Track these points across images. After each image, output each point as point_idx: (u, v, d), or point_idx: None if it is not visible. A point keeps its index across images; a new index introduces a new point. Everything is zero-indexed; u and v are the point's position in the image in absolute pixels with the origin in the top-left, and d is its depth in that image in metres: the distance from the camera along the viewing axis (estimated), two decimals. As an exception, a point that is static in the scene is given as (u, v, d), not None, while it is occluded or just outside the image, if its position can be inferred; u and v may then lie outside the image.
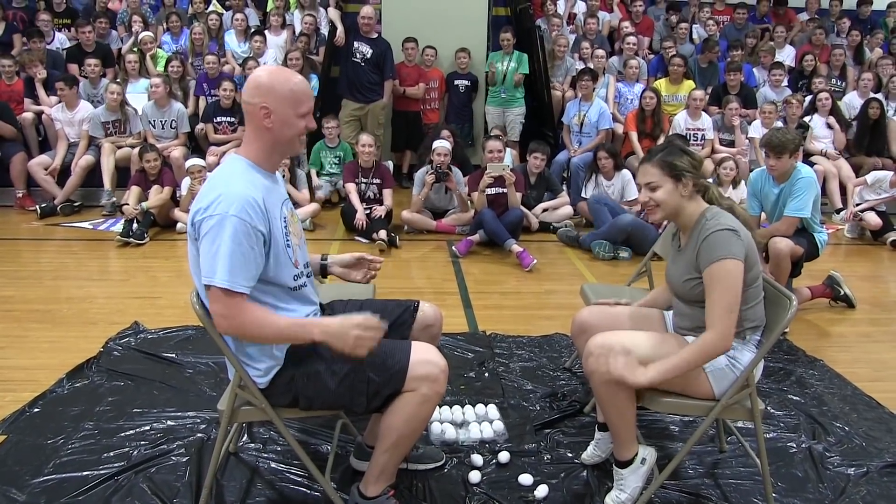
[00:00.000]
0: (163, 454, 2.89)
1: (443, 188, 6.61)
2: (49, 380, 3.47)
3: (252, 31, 8.63)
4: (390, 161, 7.66)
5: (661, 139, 7.25)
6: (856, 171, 7.62)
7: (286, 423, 2.23)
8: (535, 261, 5.57)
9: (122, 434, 3.03)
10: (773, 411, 3.41)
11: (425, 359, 2.25)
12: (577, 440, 3.08)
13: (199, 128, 7.68)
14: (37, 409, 3.21)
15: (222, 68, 8.22)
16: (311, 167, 7.48)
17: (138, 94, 7.79)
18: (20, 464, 2.80)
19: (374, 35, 8.11)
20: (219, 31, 8.78)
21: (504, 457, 2.91)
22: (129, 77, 7.98)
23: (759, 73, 8.92)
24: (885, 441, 3.18)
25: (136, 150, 6.81)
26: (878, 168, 7.38)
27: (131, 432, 3.05)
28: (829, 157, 7.74)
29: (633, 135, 7.75)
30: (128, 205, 6.26)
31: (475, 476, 2.79)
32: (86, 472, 2.74)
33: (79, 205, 7.18)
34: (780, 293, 2.47)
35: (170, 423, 3.14)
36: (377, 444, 2.34)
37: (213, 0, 9.22)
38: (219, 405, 2.37)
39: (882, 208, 6.99)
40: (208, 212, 2.09)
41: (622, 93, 8.37)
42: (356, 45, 7.97)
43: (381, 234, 6.05)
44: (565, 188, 7.33)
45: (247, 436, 3.05)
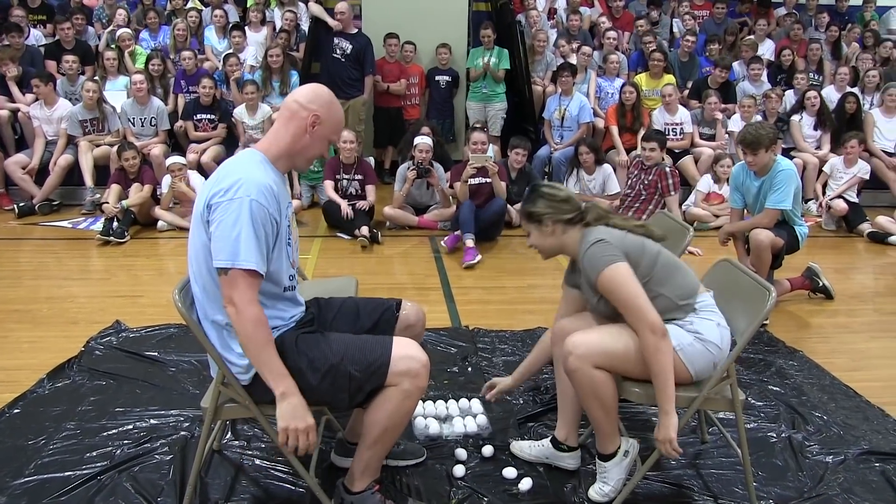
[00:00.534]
0: (146, 453, 2.88)
1: (424, 184, 6.62)
2: (30, 380, 3.45)
3: (231, 27, 8.58)
4: (371, 157, 7.65)
5: (642, 133, 7.28)
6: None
7: (270, 420, 2.22)
8: (478, 259, 5.57)
9: (105, 433, 3.02)
10: (753, 402, 3.45)
11: (406, 354, 2.26)
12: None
13: (179, 125, 7.63)
14: (17, 410, 3.19)
15: (201, 65, 8.17)
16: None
17: (117, 92, 7.73)
18: (0, 465, 2.78)
19: (354, 30, 8.09)
20: (198, 28, 8.73)
21: (488, 450, 2.93)
22: (108, 75, 7.91)
23: (738, 67, 8.97)
24: (861, 429, 3.24)
25: (115, 148, 6.75)
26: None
27: (114, 431, 3.04)
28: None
29: (614, 129, 7.79)
30: (108, 203, 6.22)
31: (459, 470, 2.81)
32: (68, 473, 2.73)
33: (57, 204, 7.13)
34: (759, 285, 2.50)
35: (153, 421, 3.13)
36: (361, 440, 2.35)
37: (193, -4, 9.17)
38: (202, 403, 2.37)
39: (854, 198, 7.09)
40: (228, 195, 2.10)
41: (602, 87, 8.39)
42: (336, 40, 7.95)
43: (364, 230, 6.05)
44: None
45: (230, 433, 3.05)
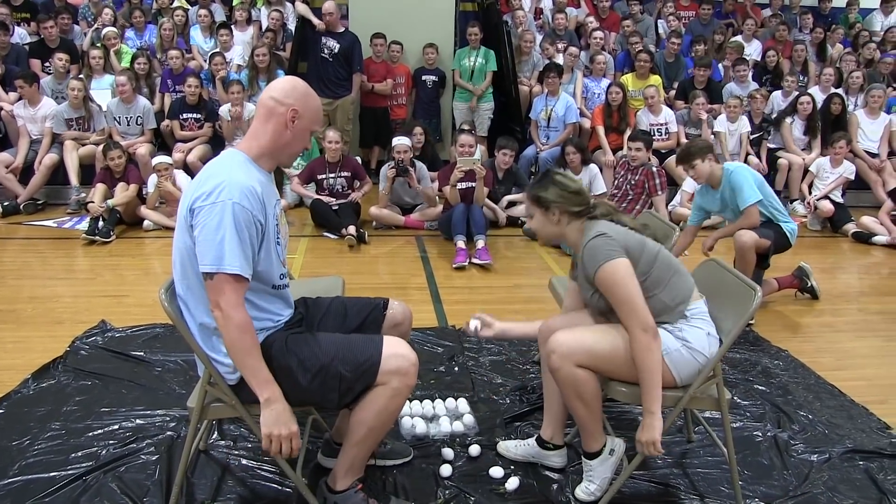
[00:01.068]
0: (132, 453, 2.87)
1: (408, 183, 6.61)
2: (14, 380, 3.42)
3: (218, 25, 8.55)
4: (358, 157, 7.63)
5: (628, 133, 7.32)
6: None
7: (256, 420, 2.22)
8: (467, 263, 5.56)
9: (90, 434, 3.00)
10: (739, 401, 3.47)
11: (396, 352, 2.26)
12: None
13: (165, 124, 7.60)
14: (1, 411, 3.17)
15: (187, 64, 8.13)
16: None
17: (103, 91, 7.69)
18: (-15, 466, 2.76)
19: (341, 29, 8.08)
20: (184, 27, 8.70)
21: (475, 450, 2.93)
22: (94, 73, 7.87)
23: (724, 68, 9.02)
24: (846, 428, 3.26)
25: (101, 147, 6.71)
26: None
27: (99, 432, 3.02)
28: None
29: (600, 129, 7.82)
30: (93, 202, 6.18)
31: (446, 470, 2.81)
32: (53, 473, 2.71)
33: (42, 203, 7.09)
34: (745, 284, 2.51)
35: (139, 421, 3.12)
36: (347, 438, 2.35)
37: (179, -5, 9.13)
38: (188, 402, 2.37)
39: (839, 198, 7.15)
40: (210, 198, 2.09)
41: (589, 88, 8.43)
42: (324, 39, 7.94)
43: (351, 229, 6.04)
44: (533, 183, 7.36)
45: (217, 433, 3.04)
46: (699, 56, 8.66)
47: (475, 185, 6.11)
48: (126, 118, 7.34)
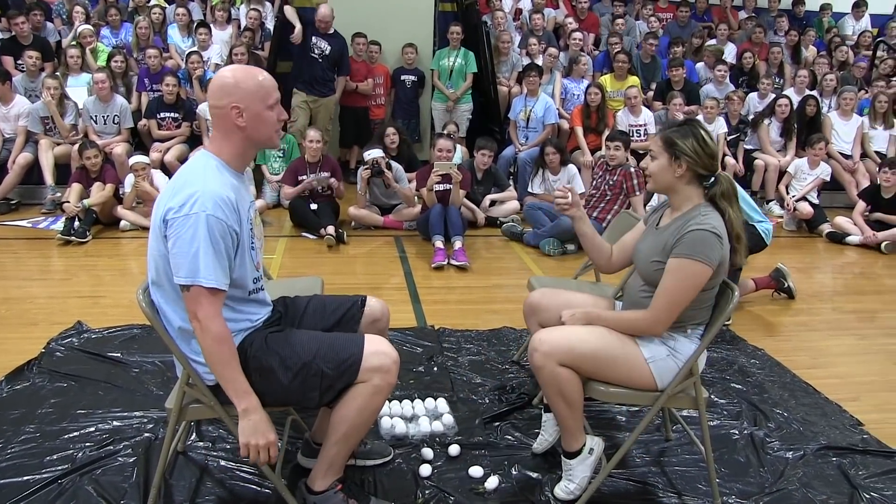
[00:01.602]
0: (109, 455, 2.84)
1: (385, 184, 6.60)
2: (-13, 383, 3.38)
3: (196, 24, 8.48)
4: (335, 158, 7.61)
5: (606, 134, 7.36)
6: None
7: (235, 421, 2.21)
8: (445, 262, 5.55)
9: (66, 436, 2.97)
10: (716, 399, 3.51)
11: (378, 350, 2.27)
12: (527, 432, 3.12)
13: (142, 124, 7.53)
14: (-25, 413, 3.13)
15: (165, 63, 8.07)
16: (258, 162, 7.38)
17: (78, 89, 7.60)
18: (-42, 470, 2.72)
19: (332, 31, 7.97)
20: (162, 26, 8.63)
21: (454, 450, 2.94)
22: (70, 71, 7.77)
23: (703, 70, 9.10)
24: (820, 425, 3.31)
25: (77, 146, 6.64)
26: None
27: (75, 434, 2.99)
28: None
29: (579, 130, 7.85)
30: (69, 202, 6.12)
31: (426, 469, 2.81)
32: (27, 477, 2.68)
33: (16, 203, 7.00)
34: (723, 283, 2.53)
35: (116, 423, 3.09)
36: (327, 436, 2.35)
37: (157, -6, 9.05)
38: (167, 403, 2.35)
39: (815, 199, 7.24)
40: (183, 210, 2.08)
41: (568, 88, 8.45)
42: (314, 40, 7.85)
43: (330, 229, 6.03)
44: (512, 183, 7.39)
45: (195, 434, 3.03)
46: (675, 57, 8.73)
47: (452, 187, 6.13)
48: (103, 117, 7.27)
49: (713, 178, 2.50)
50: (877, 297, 5.35)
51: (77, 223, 5.99)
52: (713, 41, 9.65)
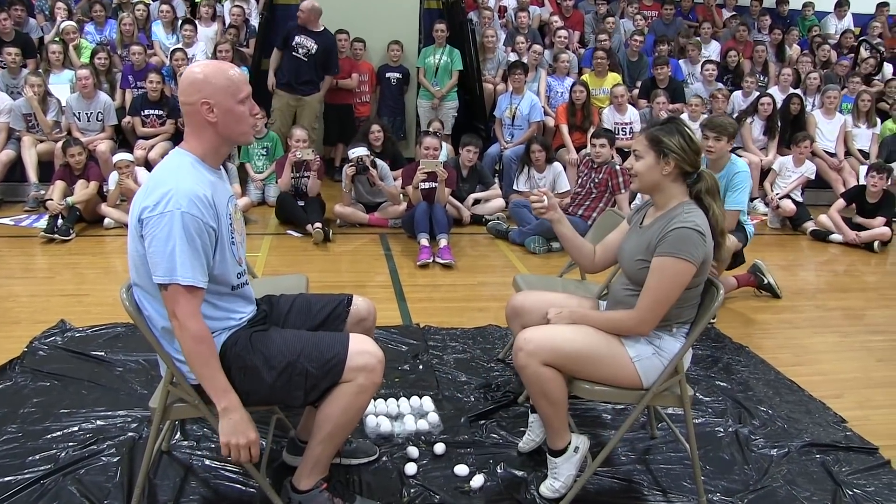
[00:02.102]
0: (92, 455, 2.83)
1: (370, 181, 6.58)
2: (-31, 382, 3.35)
3: (181, 21, 8.43)
4: (318, 155, 7.56)
5: (591, 131, 7.37)
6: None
7: (220, 420, 2.21)
8: (431, 260, 5.56)
9: (49, 436, 2.95)
10: (701, 397, 3.53)
11: (363, 349, 2.27)
12: (512, 430, 3.13)
13: (126, 121, 7.48)
14: (-43, 413, 3.10)
15: (149, 60, 8.02)
16: (242, 160, 7.35)
17: (61, 85, 7.53)
18: (-61, 470, 2.70)
19: (320, 28, 7.72)
20: (146, 22, 8.57)
21: (440, 448, 2.94)
22: (52, 68, 7.71)
23: (686, 67, 9.14)
24: (804, 422, 3.34)
25: (60, 144, 6.59)
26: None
27: (58, 434, 2.97)
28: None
29: (564, 128, 7.86)
30: (52, 200, 6.07)
31: (411, 468, 2.81)
32: (8, 478, 2.66)
33: (-2, 200, 6.95)
34: (708, 281, 2.54)
35: (99, 422, 3.07)
36: (312, 435, 2.35)
37: (141, -10, 8.97)
38: (150, 403, 2.34)
39: (799, 197, 7.30)
40: (158, 209, 2.07)
41: (552, 86, 8.46)
42: (299, 38, 7.58)
43: (317, 224, 6.02)
44: (497, 181, 7.39)
45: (179, 433, 3.01)
46: (660, 55, 8.76)
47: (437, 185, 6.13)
48: (86, 114, 7.21)
49: (696, 175, 2.51)
50: (860, 294, 5.40)
51: (60, 221, 5.95)
52: (697, 38, 9.68)
